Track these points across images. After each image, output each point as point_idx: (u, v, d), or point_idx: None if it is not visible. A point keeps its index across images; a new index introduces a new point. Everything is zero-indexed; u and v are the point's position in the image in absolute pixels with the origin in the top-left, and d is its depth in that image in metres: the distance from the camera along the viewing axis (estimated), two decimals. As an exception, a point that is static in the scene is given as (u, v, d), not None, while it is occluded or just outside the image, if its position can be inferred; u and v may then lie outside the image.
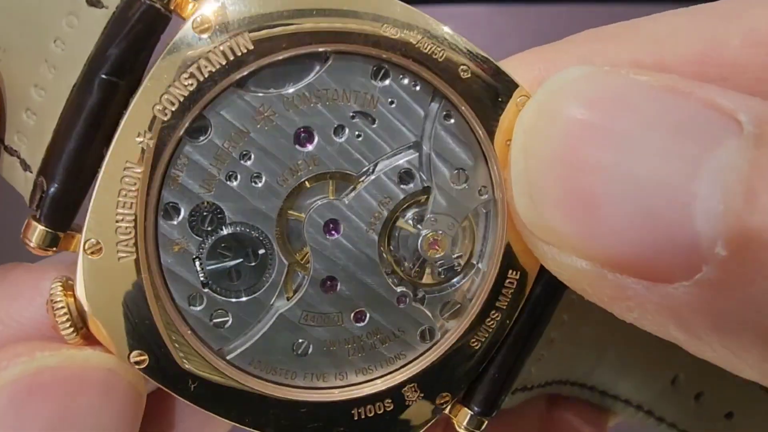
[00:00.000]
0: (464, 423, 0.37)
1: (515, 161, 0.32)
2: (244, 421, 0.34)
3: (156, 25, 0.30)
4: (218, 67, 0.31)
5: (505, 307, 0.37)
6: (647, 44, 0.35)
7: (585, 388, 0.42)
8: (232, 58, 0.31)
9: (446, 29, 0.33)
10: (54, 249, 0.31)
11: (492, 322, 0.37)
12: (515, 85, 0.34)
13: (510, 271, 0.36)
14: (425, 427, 0.38)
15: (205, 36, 0.30)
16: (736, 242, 0.25)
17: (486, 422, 0.38)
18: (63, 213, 0.31)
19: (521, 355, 0.38)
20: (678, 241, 0.26)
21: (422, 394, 0.37)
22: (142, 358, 0.32)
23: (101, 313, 0.32)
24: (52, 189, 0.31)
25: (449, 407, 0.38)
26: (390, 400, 0.36)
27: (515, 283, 0.37)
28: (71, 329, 0.32)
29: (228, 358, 0.34)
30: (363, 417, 0.36)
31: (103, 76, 0.30)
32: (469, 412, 0.37)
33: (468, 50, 0.33)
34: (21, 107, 0.32)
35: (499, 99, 0.34)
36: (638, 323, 0.30)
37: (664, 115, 0.28)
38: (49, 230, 0.31)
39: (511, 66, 0.35)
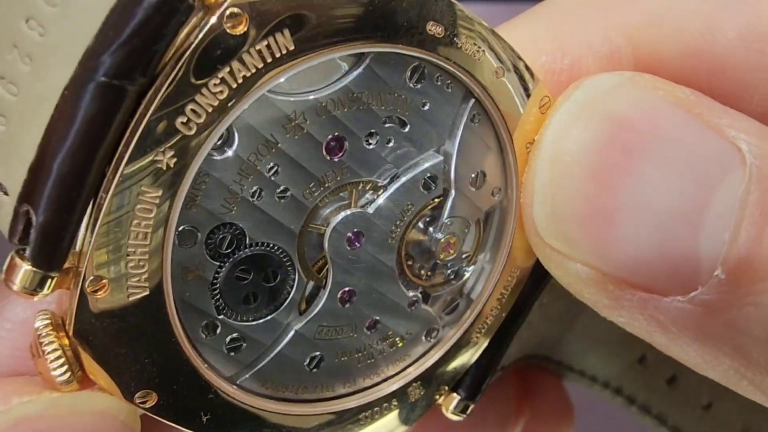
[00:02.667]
0: (452, 408, 0.38)
1: (540, 170, 0.31)
2: None
3: (175, 17, 0.24)
4: (254, 71, 0.25)
5: (504, 303, 0.37)
6: (645, 27, 0.34)
7: (551, 361, 0.44)
8: (269, 60, 0.25)
9: (486, 25, 0.30)
10: (46, 293, 0.25)
11: (490, 317, 0.37)
12: (536, 80, 0.32)
13: (512, 269, 0.36)
14: (422, 416, 0.38)
15: (238, 33, 0.25)
16: (735, 269, 0.27)
17: (472, 406, 0.39)
18: (57, 250, 0.24)
19: (506, 342, 0.39)
20: (682, 262, 0.28)
21: (424, 390, 0.37)
22: (149, 397, 0.28)
23: (103, 354, 0.27)
24: (41, 221, 0.24)
25: (443, 396, 0.38)
26: (396, 401, 0.36)
27: (514, 279, 0.37)
28: (68, 375, 0.26)
29: (239, 382, 0.31)
30: (368, 418, 0.35)
31: (104, 79, 0.23)
32: (457, 397, 0.38)
33: (503, 51, 0.31)
34: None
35: (524, 98, 0.32)
36: (624, 325, 0.31)
37: (682, 142, 0.29)
38: (40, 271, 0.25)
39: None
